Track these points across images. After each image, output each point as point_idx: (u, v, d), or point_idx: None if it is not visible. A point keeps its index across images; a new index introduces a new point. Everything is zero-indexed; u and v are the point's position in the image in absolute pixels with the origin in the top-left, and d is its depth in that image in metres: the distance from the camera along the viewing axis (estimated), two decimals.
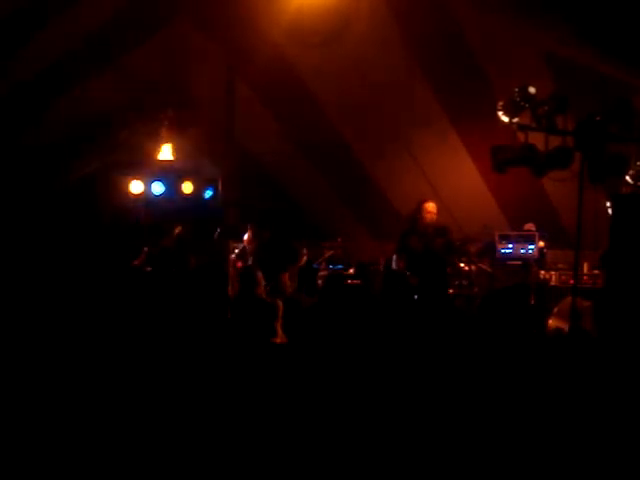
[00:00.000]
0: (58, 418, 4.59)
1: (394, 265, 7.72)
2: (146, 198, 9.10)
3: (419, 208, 7.62)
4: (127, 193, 9.09)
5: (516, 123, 6.25)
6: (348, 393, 5.01)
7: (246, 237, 8.82)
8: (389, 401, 4.93)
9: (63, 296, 7.69)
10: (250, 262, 8.56)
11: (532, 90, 6.10)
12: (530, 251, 8.45)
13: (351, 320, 6.14)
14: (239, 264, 8.56)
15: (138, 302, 7.55)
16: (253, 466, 4.11)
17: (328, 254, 10.25)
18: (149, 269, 8.45)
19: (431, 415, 4.73)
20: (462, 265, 8.48)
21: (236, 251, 8.92)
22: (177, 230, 8.83)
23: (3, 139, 8.80)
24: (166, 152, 9.34)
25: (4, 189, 8.91)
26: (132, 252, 8.46)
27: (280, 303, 7.42)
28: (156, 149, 9.33)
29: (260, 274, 6.89)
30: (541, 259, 8.68)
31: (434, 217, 7.59)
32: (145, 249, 8.43)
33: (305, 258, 9.27)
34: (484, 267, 8.73)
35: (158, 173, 9.15)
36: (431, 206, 7.58)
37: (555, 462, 4.10)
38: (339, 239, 10.43)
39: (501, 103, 6.29)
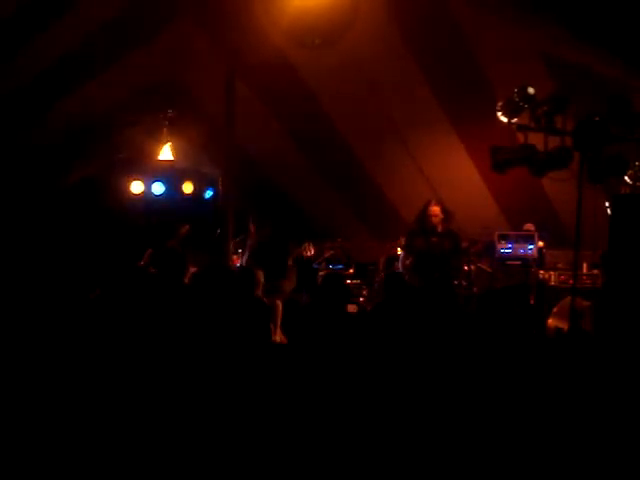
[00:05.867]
0: (59, 420, 4.60)
1: (400, 264, 7.76)
2: (146, 198, 9.10)
3: (424, 211, 7.66)
4: (127, 193, 9.08)
5: (515, 123, 6.27)
6: (348, 393, 5.01)
7: (252, 229, 8.38)
8: (389, 401, 4.93)
9: (65, 296, 7.69)
10: (247, 258, 8.45)
11: (531, 90, 6.12)
12: (529, 251, 8.45)
13: (351, 320, 6.13)
14: (236, 260, 8.46)
15: (143, 303, 7.53)
16: (253, 466, 4.12)
17: (328, 254, 10.24)
18: (153, 270, 8.39)
19: (431, 415, 4.73)
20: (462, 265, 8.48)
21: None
22: (184, 230, 8.75)
23: (3, 139, 8.80)
24: (166, 152, 9.33)
25: (5, 189, 8.92)
26: (134, 253, 8.41)
27: (279, 303, 7.42)
28: (156, 149, 9.32)
29: (260, 273, 6.83)
30: (540, 259, 8.68)
31: (439, 219, 7.61)
32: (149, 250, 8.35)
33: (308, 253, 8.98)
34: (484, 267, 8.74)
35: (158, 173, 9.14)
36: (433, 210, 7.62)
37: (555, 462, 4.11)
38: (339, 239, 10.43)
39: (500, 103, 6.31)
